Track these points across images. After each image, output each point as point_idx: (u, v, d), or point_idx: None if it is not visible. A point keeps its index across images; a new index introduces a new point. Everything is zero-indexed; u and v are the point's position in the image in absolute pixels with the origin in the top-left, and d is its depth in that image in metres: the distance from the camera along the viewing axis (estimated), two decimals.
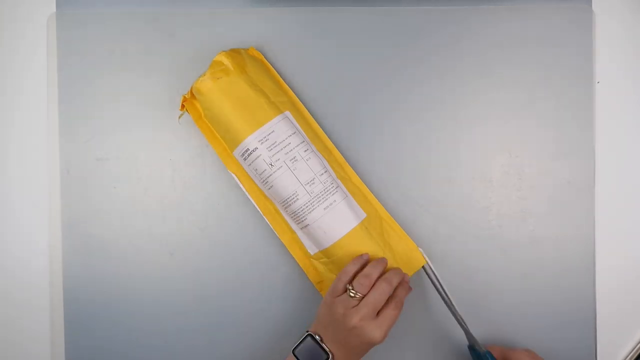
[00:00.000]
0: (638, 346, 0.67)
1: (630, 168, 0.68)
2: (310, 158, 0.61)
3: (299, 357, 0.57)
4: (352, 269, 0.59)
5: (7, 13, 0.68)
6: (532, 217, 0.66)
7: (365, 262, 0.60)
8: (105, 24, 0.67)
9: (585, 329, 0.66)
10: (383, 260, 0.60)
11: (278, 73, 0.65)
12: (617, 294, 0.67)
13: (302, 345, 0.58)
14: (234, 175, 0.65)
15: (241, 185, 0.65)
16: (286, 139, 0.60)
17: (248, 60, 0.62)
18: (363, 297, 0.56)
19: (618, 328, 0.67)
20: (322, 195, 0.60)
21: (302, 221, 0.61)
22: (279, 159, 0.60)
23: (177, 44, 0.67)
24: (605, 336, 0.66)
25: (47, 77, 0.68)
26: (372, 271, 0.58)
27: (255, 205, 0.65)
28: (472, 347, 0.62)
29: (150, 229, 0.67)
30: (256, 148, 0.60)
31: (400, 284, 0.59)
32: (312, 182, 0.60)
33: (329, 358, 0.57)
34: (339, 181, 0.62)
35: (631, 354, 0.67)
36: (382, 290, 0.56)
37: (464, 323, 0.61)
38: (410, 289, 0.61)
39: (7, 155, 0.68)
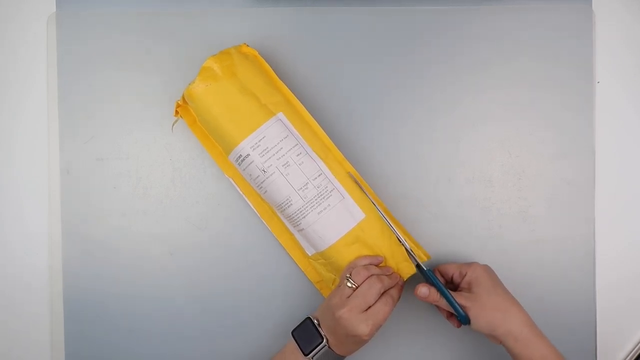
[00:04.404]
0: (638, 346, 0.67)
1: (630, 168, 0.68)
2: (303, 162, 0.60)
3: (296, 339, 0.58)
4: (360, 262, 0.60)
5: (7, 13, 0.68)
6: (532, 217, 0.66)
7: (376, 263, 0.60)
8: (105, 24, 0.67)
9: (585, 329, 0.66)
10: (388, 268, 0.61)
11: (277, 72, 0.64)
12: (617, 294, 0.67)
13: (300, 327, 0.59)
14: (231, 180, 0.65)
15: (238, 189, 0.65)
16: (278, 143, 0.60)
17: (239, 61, 0.61)
18: (357, 289, 0.57)
19: (618, 328, 0.67)
20: (316, 200, 0.60)
21: (298, 225, 0.61)
22: (271, 165, 0.60)
23: (177, 44, 0.67)
24: (605, 336, 0.66)
25: (47, 77, 0.68)
26: (373, 268, 0.58)
27: (253, 209, 0.65)
28: (419, 266, 0.62)
29: (150, 229, 0.67)
30: (248, 154, 0.60)
31: (395, 286, 0.59)
32: (305, 187, 0.60)
33: (322, 342, 0.57)
34: (336, 182, 0.61)
35: (631, 354, 0.67)
36: (372, 285, 0.57)
37: (404, 242, 0.61)
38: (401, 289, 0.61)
39: (8, 155, 0.68)
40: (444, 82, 0.67)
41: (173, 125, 0.65)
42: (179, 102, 0.62)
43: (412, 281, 0.64)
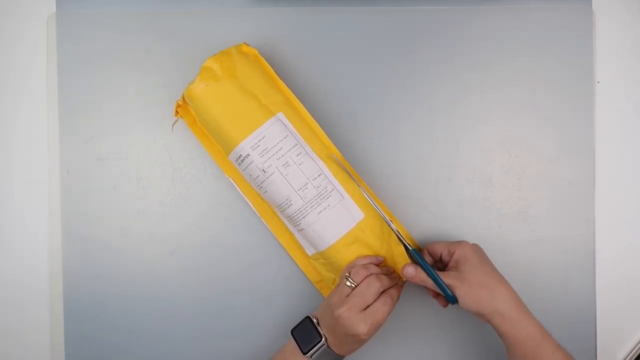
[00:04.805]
0: (638, 346, 0.67)
1: (630, 168, 0.68)
2: (303, 162, 0.60)
3: (296, 337, 0.59)
4: (360, 262, 0.60)
5: (7, 13, 0.68)
6: (532, 217, 0.66)
7: (376, 263, 0.60)
8: (105, 24, 0.67)
9: (585, 329, 0.66)
10: (388, 268, 0.61)
11: (277, 72, 0.64)
12: (617, 294, 0.67)
13: (299, 326, 0.59)
14: (231, 179, 0.65)
15: (238, 189, 0.65)
16: (277, 143, 0.60)
17: (238, 61, 0.61)
18: (355, 288, 0.57)
19: (618, 328, 0.67)
20: (316, 200, 0.60)
21: (298, 225, 0.61)
22: (271, 165, 0.60)
23: (177, 44, 0.67)
24: (605, 336, 0.66)
25: (47, 77, 0.68)
26: (373, 267, 0.58)
27: (253, 208, 0.65)
28: (406, 247, 0.61)
29: (150, 229, 0.67)
30: (248, 154, 0.60)
31: (394, 286, 0.59)
32: (305, 187, 0.60)
33: (321, 340, 0.57)
34: (336, 182, 0.61)
35: (631, 354, 0.67)
36: (371, 284, 0.56)
37: (391, 224, 0.61)
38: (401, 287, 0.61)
39: (8, 155, 0.68)
40: (444, 82, 0.67)
41: (173, 125, 0.65)
42: (179, 102, 0.62)
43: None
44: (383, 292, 0.58)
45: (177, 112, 0.63)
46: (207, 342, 0.67)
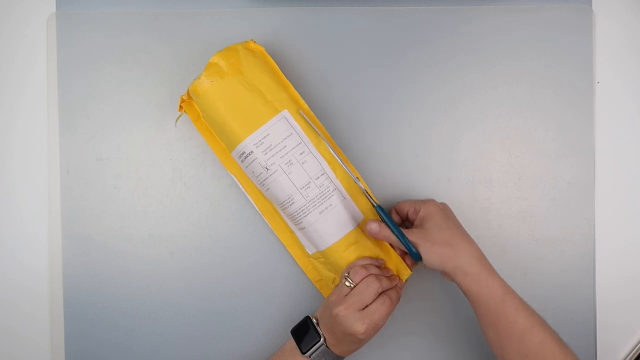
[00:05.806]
0: (638, 346, 0.67)
1: (630, 168, 0.68)
2: (306, 161, 0.60)
3: (295, 337, 0.59)
4: (360, 262, 0.60)
5: (7, 13, 0.68)
6: (532, 217, 0.66)
7: (377, 265, 0.60)
8: (105, 23, 0.67)
9: (585, 329, 0.66)
10: (388, 270, 0.61)
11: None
12: (617, 294, 0.67)
13: (299, 326, 0.59)
14: (233, 176, 0.65)
15: (240, 186, 0.65)
16: (282, 141, 0.60)
17: (245, 57, 0.61)
18: (354, 287, 0.57)
19: (618, 328, 0.67)
20: (318, 199, 0.60)
21: (299, 223, 0.61)
22: (274, 163, 0.60)
23: (177, 44, 0.67)
24: (605, 336, 0.66)
25: (47, 77, 0.68)
26: (372, 268, 0.58)
27: (255, 206, 0.65)
28: (372, 204, 0.61)
29: (150, 229, 0.67)
30: (252, 151, 0.60)
31: (393, 287, 0.59)
32: (307, 186, 0.60)
33: (320, 340, 0.57)
34: (338, 182, 0.61)
35: (631, 354, 0.67)
36: (370, 284, 0.56)
37: (358, 181, 0.60)
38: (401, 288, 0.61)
39: (8, 155, 0.68)
40: (444, 82, 0.67)
41: (177, 120, 0.65)
42: (183, 97, 0.62)
43: (411, 284, 0.64)
44: (382, 293, 0.58)
45: (180, 107, 0.63)
46: (207, 342, 0.67)
